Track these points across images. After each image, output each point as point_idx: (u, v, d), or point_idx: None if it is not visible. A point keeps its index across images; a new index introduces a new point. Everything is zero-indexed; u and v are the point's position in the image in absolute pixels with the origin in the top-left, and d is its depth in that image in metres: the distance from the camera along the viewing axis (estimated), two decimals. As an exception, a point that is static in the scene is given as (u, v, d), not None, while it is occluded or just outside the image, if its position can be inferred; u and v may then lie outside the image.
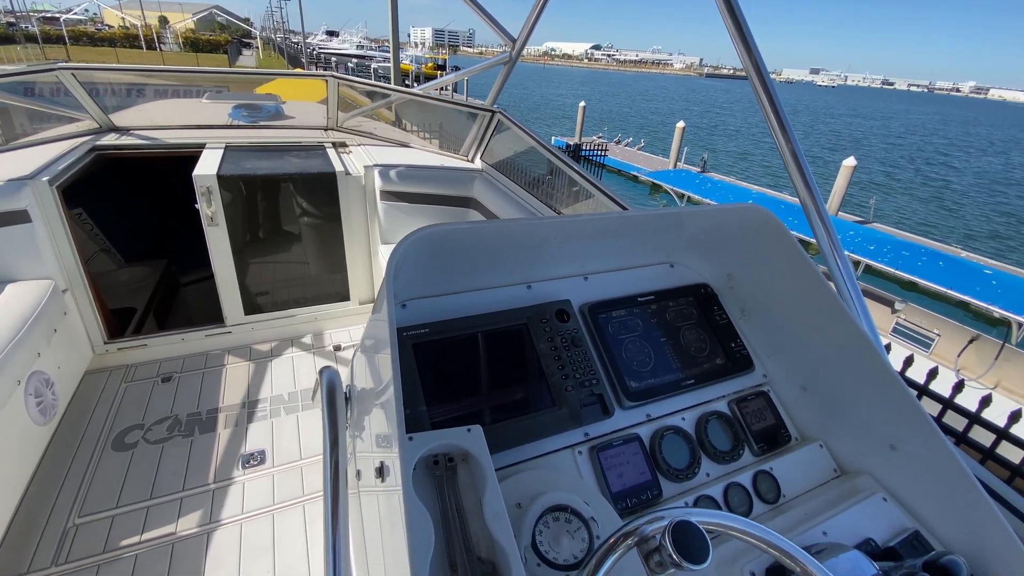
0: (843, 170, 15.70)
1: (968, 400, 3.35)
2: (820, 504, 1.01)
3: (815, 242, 1.45)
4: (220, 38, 46.59)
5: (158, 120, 3.25)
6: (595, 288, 1.28)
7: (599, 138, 25.07)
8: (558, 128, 30.91)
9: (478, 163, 3.33)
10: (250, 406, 2.39)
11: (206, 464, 2.07)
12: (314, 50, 47.10)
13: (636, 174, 21.16)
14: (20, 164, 2.33)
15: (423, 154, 3.43)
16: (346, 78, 3.39)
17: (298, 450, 2.17)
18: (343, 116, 3.59)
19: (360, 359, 1.16)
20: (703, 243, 1.37)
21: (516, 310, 1.14)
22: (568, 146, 22.77)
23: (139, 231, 3.64)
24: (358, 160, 3.06)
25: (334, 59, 42.38)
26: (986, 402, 3.16)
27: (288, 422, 2.32)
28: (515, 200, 2.79)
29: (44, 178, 2.24)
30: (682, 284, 1.37)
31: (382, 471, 0.80)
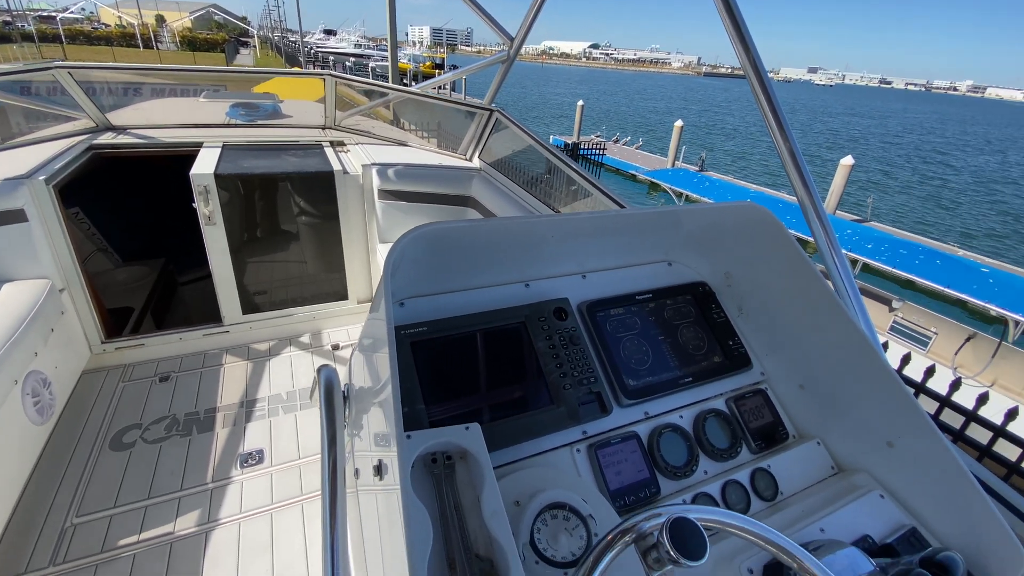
0: (841, 169, 15.72)
1: (965, 398, 3.35)
2: (818, 501, 1.01)
3: (813, 241, 1.45)
4: (217, 37, 46.45)
5: (155, 119, 3.24)
6: (593, 286, 1.28)
7: (597, 137, 25.06)
8: (556, 127, 30.90)
9: (476, 162, 3.33)
10: (248, 405, 2.39)
11: (204, 464, 2.07)
12: (312, 49, 46.97)
13: (634, 173, 21.15)
14: (16, 163, 2.32)
15: (421, 153, 3.42)
16: (344, 77, 3.38)
17: (296, 449, 2.17)
18: (341, 115, 3.58)
19: (358, 358, 1.16)
20: (701, 241, 1.37)
21: (514, 308, 1.15)
22: (566, 145, 22.75)
23: (136, 230, 3.63)
24: (356, 159, 3.06)
25: (332, 58, 42.32)
26: (983, 400, 3.16)
27: (286, 421, 2.31)
28: (513, 199, 2.79)
29: (41, 177, 2.24)
30: (680, 282, 1.37)
31: (380, 469, 0.79)
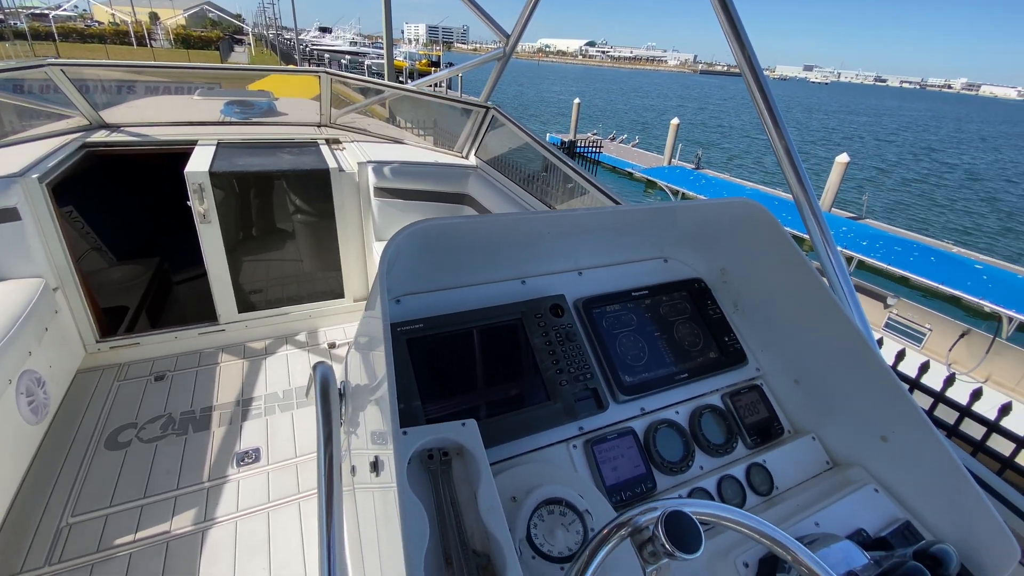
0: (836, 166, 15.78)
1: (959, 394, 3.38)
2: (812, 495, 1.02)
3: (808, 238, 1.46)
4: (212, 34, 46.22)
5: (149, 117, 3.22)
6: (589, 283, 1.28)
7: (594, 135, 25.06)
8: (553, 125, 30.89)
9: (472, 159, 3.32)
10: (244, 404, 2.38)
11: (200, 462, 2.06)
12: (307, 47, 46.79)
13: (631, 171, 21.19)
14: (9, 161, 2.31)
15: (417, 150, 3.41)
16: (339, 74, 3.36)
17: (293, 448, 2.17)
18: (336, 113, 3.57)
19: (354, 355, 1.16)
20: (696, 238, 1.38)
21: (510, 305, 1.15)
22: (563, 143, 22.76)
23: (131, 229, 3.61)
24: (352, 157, 3.05)
25: (327, 56, 42.16)
26: (977, 395, 3.19)
27: (283, 420, 2.31)
28: (509, 196, 2.79)
29: (34, 175, 2.22)
30: (676, 279, 1.37)
31: (376, 466, 0.79)
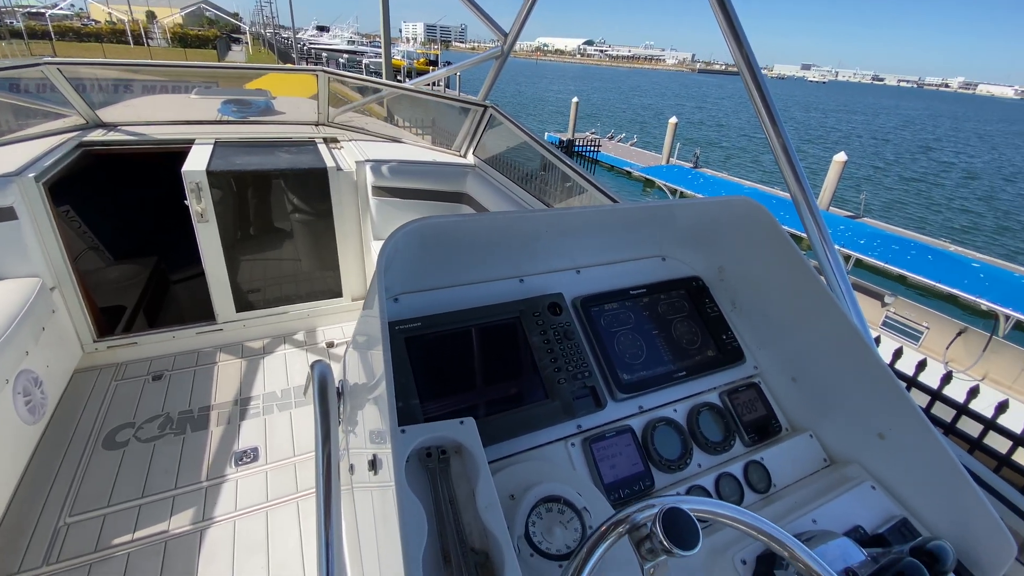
0: (834, 165, 15.79)
1: (956, 391, 3.39)
2: (810, 493, 1.02)
3: (806, 236, 1.46)
4: (209, 33, 46.08)
5: (146, 116, 3.21)
6: (587, 281, 1.28)
7: (592, 134, 25.05)
8: (551, 124, 30.86)
9: (470, 158, 3.32)
10: (242, 403, 2.38)
11: (198, 462, 2.06)
12: (304, 45, 46.68)
13: (629, 170, 21.19)
14: (5, 160, 2.30)
15: (415, 149, 3.41)
16: (337, 73, 3.35)
17: (291, 447, 2.17)
18: (334, 111, 3.56)
19: (352, 354, 1.16)
20: (695, 236, 1.38)
21: (509, 303, 1.15)
22: (561, 142, 22.75)
23: (128, 228, 3.59)
24: (349, 156, 3.04)
25: (325, 55, 42.06)
26: (974, 393, 3.20)
27: (281, 419, 2.31)
28: (508, 195, 2.78)
29: (30, 174, 2.21)
30: (674, 277, 1.38)
31: (375, 464, 0.79)
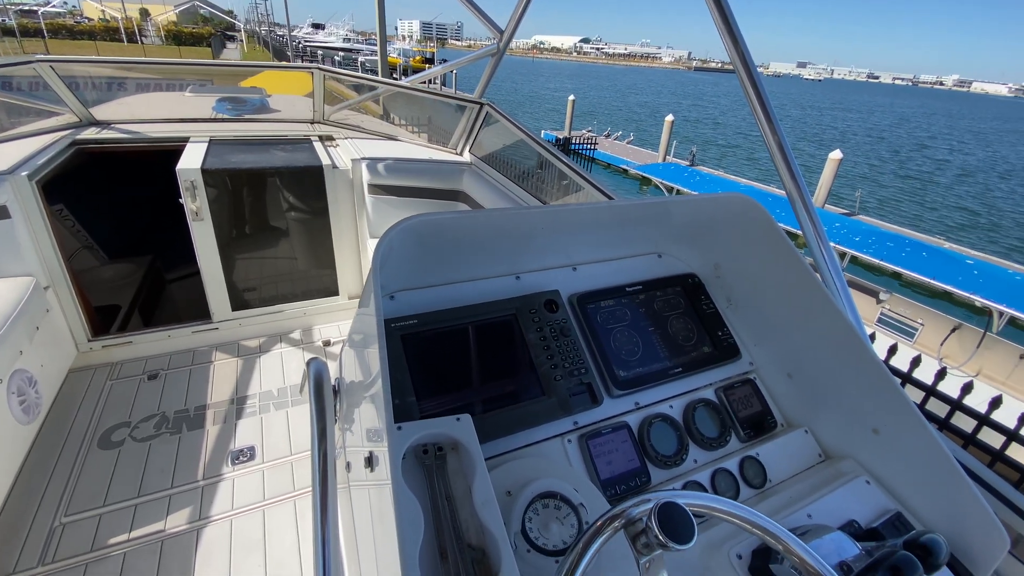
0: (829, 163, 15.85)
1: (951, 387, 3.41)
2: (805, 488, 1.03)
3: (801, 233, 1.47)
4: (203, 31, 45.79)
5: (140, 114, 3.19)
6: (584, 278, 1.29)
7: (588, 132, 25.05)
8: (547, 122, 30.83)
9: (467, 156, 3.31)
10: (239, 402, 2.37)
11: (195, 461, 2.06)
12: (300, 43, 46.46)
13: (626, 168, 21.21)
14: None
15: (411, 147, 3.40)
16: (332, 70, 3.34)
17: (288, 446, 2.16)
18: (330, 109, 3.54)
19: (348, 353, 1.16)
20: (690, 233, 1.38)
21: (505, 301, 1.15)
22: (558, 140, 22.75)
23: (122, 227, 3.57)
24: (345, 153, 3.03)
25: (320, 52, 41.91)
26: (968, 389, 3.22)
27: (277, 418, 2.30)
28: (504, 193, 2.78)
29: (23, 173, 2.20)
30: (670, 274, 1.38)
31: (371, 461, 0.79)
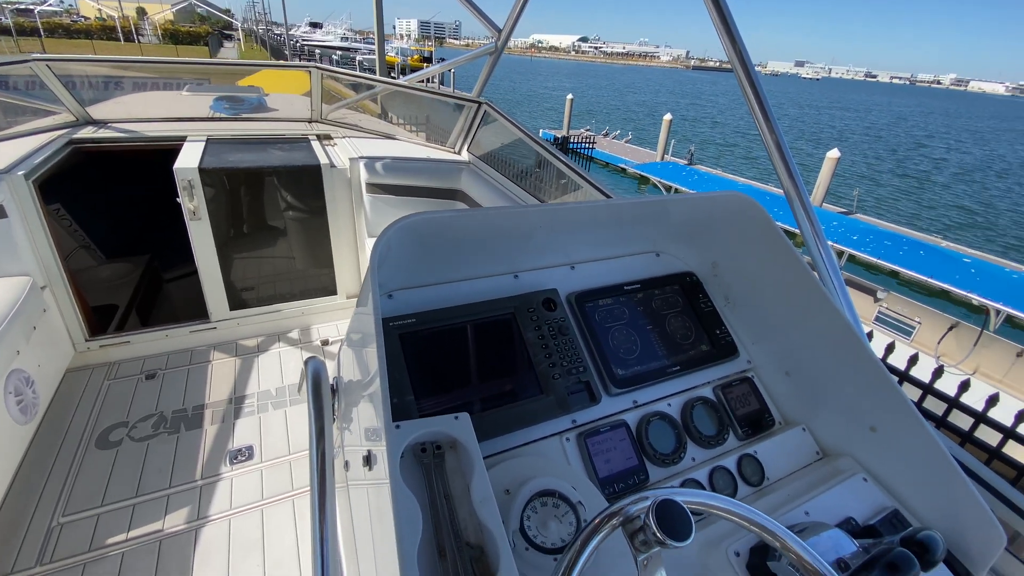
0: (827, 162, 15.87)
1: (948, 385, 3.42)
2: (803, 485, 1.03)
3: (799, 232, 1.47)
4: (200, 30, 45.66)
5: (137, 113, 3.18)
6: (582, 277, 1.29)
7: (587, 131, 25.04)
8: (545, 121, 30.82)
9: (465, 155, 3.31)
10: (237, 402, 2.37)
11: (193, 461, 2.05)
12: (297, 42, 46.34)
13: (624, 166, 21.21)
14: None
15: (409, 146, 3.39)
16: (330, 69, 3.33)
17: (287, 445, 2.16)
18: (327, 108, 3.54)
19: (346, 352, 1.16)
20: (688, 231, 1.38)
21: (503, 299, 1.15)
22: (556, 139, 22.73)
23: (120, 226, 3.57)
24: (343, 152, 3.03)
25: (318, 51, 41.79)
26: (965, 387, 3.23)
27: (276, 417, 2.30)
28: (502, 192, 2.78)
29: (20, 172, 2.19)
30: (668, 272, 1.38)
31: (369, 460, 0.79)
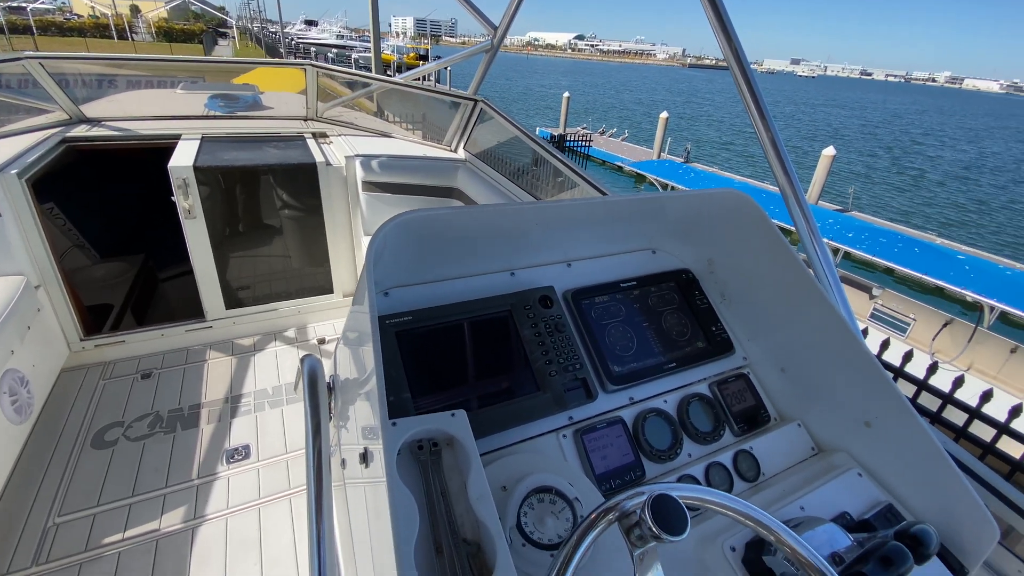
0: (823, 159, 15.91)
1: (942, 382, 3.45)
2: (798, 481, 1.03)
3: (795, 229, 1.48)
4: (194, 28, 45.45)
5: (131, 111, 3.16)
6: (578, 275, 1.29)
7: (583, 129, 25.03)
8: (542, 119, 30.77)
9: (461, 153, 3.30)
10: (233, 401, 2.37)
11: (189, 460, 2.05)
12: (292, 40, 46.16)
13: (621, 164, 21.22)
14: None
15: (405, 144, 3.39)
16: (325, 67, 3.31)
17: (283, 444, 2.16)
18: (323, 106, 3.53)
19: (343, 350, 1.15)
20: (684, 229, 1.38)
21: (500, 297, 1.15)
22: (552, 137, 22.72)
23: (114, 225, 3.55)
24: (339, 150, 3.02)
25: (313, 49, 41.62)
26: (959, 383, 3.25)
27: (272, 416, 2.30)
28: (499, 190, 2.77)
29: (13, 171, 2.17)
30: (664, 270, 1.38)
31: (366, 457, 0.79)
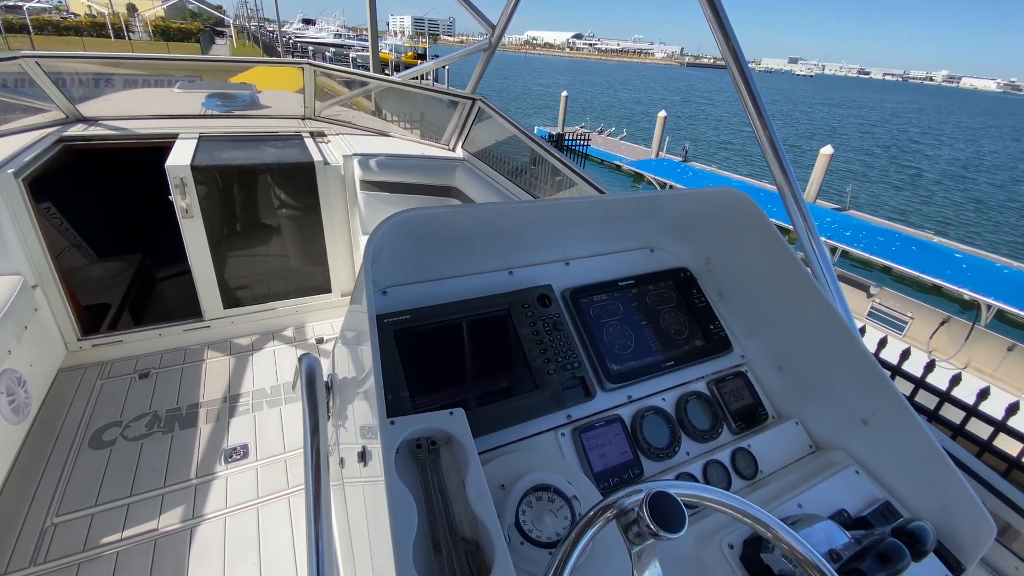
0: (820, 158, 15.94)
1: (939, 380, 3.46)
2: (796, 478, 1.04)
3: (792, 228, 1.48)
4: (192, 26, 45.28)
5: (128, 110, 3.15)
6: (576, 273, 1.29)
7: (582, 128, 25.03)
8: (540, 118, 30.77)
9: (459, 152, 3.30)
10: (231, 400, 2.36)
11: (187, 460, 2.04)
12: (290, 39, 46.07)
13: (619, 163, 21.24)
14: None
15: (403, 143, 3.38)
16: (323, 65, 3.31)
17: (282, 443, 2.16)
18: (321, 105, 3.52)
19: (341, 349, 1.15)
20: (682, 227, 1.39)
21: (498, 295, 1.15)
22: (551, 136, 22.73)
23: (111, 225, 3.54)
24: (337, 150, 3.01)
25: (311, 48, 41.53)
26: (956, 381, 3.26)
27: (271, 415, 2.29)
28: (497, 188, 2.77)
29: (9, 170, 2.17)
30: (662, 268, 1.39)
31: (364, 456, 0.79)
